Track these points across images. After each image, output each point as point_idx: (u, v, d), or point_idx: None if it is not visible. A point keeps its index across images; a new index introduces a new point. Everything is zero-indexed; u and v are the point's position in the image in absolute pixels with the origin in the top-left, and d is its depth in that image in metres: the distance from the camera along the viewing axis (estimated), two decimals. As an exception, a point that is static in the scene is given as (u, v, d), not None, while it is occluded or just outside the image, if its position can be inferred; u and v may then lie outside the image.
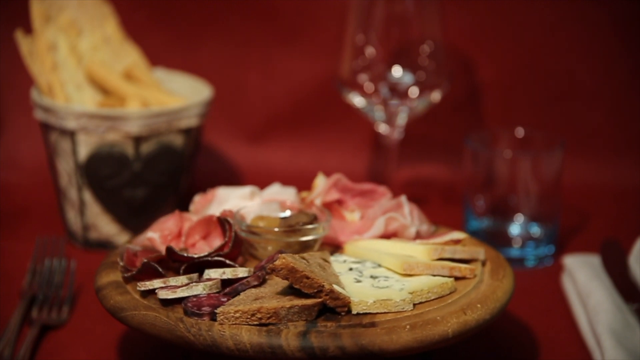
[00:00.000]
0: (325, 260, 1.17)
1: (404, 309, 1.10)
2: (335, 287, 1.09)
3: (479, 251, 1.22)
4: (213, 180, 1.77)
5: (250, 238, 1.22)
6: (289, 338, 1.04)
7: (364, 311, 1.09)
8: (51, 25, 1.53)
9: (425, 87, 1.56)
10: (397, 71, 1.57)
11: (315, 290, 1.08)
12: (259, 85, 1.81)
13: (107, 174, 1.48)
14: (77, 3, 1.56)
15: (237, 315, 1.06)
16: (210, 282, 1.12)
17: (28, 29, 1.52)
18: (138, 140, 1.47)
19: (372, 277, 1.16)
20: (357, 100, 1.57)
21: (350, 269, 1.19)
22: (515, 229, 1.51)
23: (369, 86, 1.57)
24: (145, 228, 1.50)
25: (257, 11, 1.79)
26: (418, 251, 1.20)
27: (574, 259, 1.42)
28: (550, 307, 1.37)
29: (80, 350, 1.25)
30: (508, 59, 1.78)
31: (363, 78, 1.57)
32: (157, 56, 1.70)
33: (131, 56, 1.59)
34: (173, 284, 1.13)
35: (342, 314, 1.09)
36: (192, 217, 1.26)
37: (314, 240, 1.23)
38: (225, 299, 1.10)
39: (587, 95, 1.78)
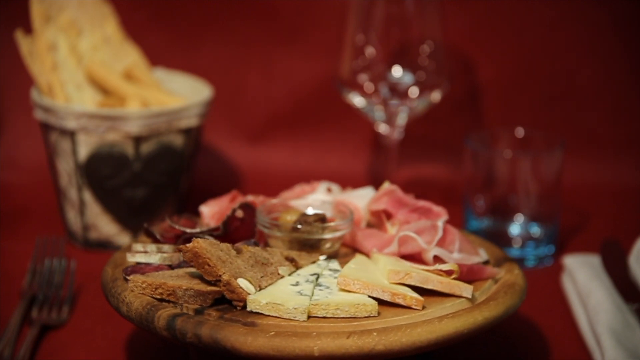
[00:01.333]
0: (265, 257, 1.16)
1: (296, 317, 1.07)
2: (238, 280, 1.10)
3: (464, 288, 1.13)
4: (213, 180, 1.77)
5: (261, 229, 1.22)
6: (161, 316, 1.07)
7: (257, 310, 1.08)
8: (51, 25, 1.53)
9: (425, 87, 1.56)
10: (397, 71, 1.57)
11: (214, 279, 1.10)
12: (259, 85, 1.81)
13: (107, 174, 1.48)
14: (77, 3, 1.56)
15: (144, 286, 1.12)
16: (165, 255, 1.17)
17: (28, 29, 1.52)
18: (138, 140, 1.47)
19: (319, 284, 1.14)
20: (357, 100, 1.57)
21: (313, 274, 1.17)
22: (515, 229, 1.51)
23: (369, 86, 1.57)
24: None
25: (257, 11, 1.79)
26: (384, 272, 1.15)
27: (574, 259, 1.42)
28: (550, 307, 1.37)
29: (80, 350, 1.25)
30: (508, 59, 1.78)
31: (363, 78, 1.57)
32: (157, 56, 1.70)
33: (131, 56, 1.59)
34: (148, 250, 1.18)
35: (238, 308, 1.09)
36: (249, 198, 1.27)
37: (317, 241, 1.22)
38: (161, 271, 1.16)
39: (587, 95, 1.78)
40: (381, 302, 1.10)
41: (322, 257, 1.21)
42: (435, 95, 1.57)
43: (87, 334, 1.29)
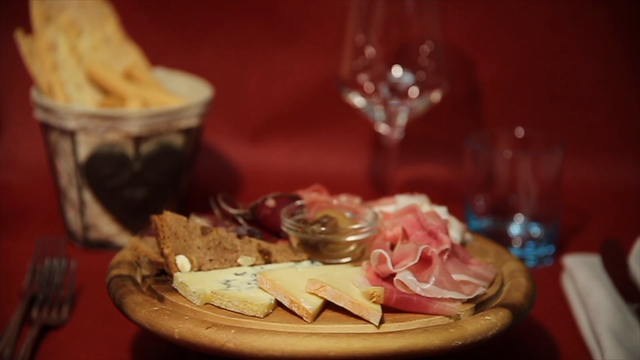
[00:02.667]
0: (234, 244, 1.19)
1: (193, 300, 1.11)
2: (177, 257, 1.16)
3: (373, 313, 1.07)
4: (213, 180, 1.77)
5: (284, 227, 1.23)
6: (111, 274, 1.19)
7: (174, 287, 1.14)
8: (51, 25, 1.53)
9: (425, 87, 1.56)
10: (397, 71, 1.57)
11: (160, 251, 1.17)
12: (259, 85, 1.81)
13: (107, 174, 1.48)
14: (77, 3, 1.56)
15: (133, 248, 1.21)
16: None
17: (28, 29, 1.52)
18: (138, 140, 1.47)
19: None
20: (357, 100, 1.57)
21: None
22: (515, 229, 1.51)
23: (369, 86, 1.57)
24: (145, 228, 1.51)
25: (257, 11, 1.79)
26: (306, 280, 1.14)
27: (574, 259, 1.42)
28: (550, 307, 1.37)
29: (80, 350, 1.25)
30: (508, 59, 1.78)
31: (363, 78, 1.57)
32: (157, 56, 1.70)
33: (131, 56, 1.59)
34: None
35: (170, 282, 1.15)
36: (330, 200, 1.26)
37: (316, 242, 1.20)
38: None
39: (587, 95, 1.78)
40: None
41: (306, 260, 1.20)
42: (435, 95, 1.57)
43: (87, 334, 1.29)
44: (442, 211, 1.25)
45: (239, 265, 1.18)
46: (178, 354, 1.23)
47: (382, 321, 1.07)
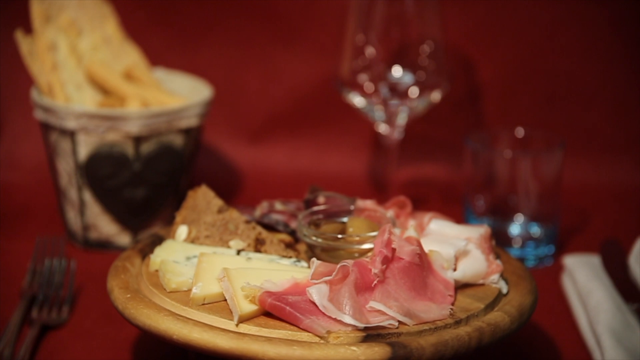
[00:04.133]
0: (237, 227, 1.22)
1: (165, 288, 1.14)
2: (180, 225, 1.24)
3: (235, 312, 1.07)
4: (213, 180, 1.77)
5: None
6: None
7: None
8: (51, 25, 1.53)
9: (425, 87, 1.56)
10: (397, 71, 1.57)
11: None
12: (259, 85, 1.81)
13: (107, 174, 1.48)
14: (77, 3, 1.56)
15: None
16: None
17: (28, 29, 1.52)
18: (138, 140, 1.47)
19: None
20: (357, 100, 1.57)
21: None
22: (515, 229, 1.51)
23: (369, 86, 1.57)
24: (145, 228, 1.51)
25: (257, 11, 1.79)
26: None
27: (574, 259, 1.42)
28: (550, 307, 1.37)
29: (80, 350, 1.25)
30: (508, 59, 1.78)
31: (363, 78, 1.57)
32: (157, 56, 1.70)
33: (131, 56, 1.59)
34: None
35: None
36: (377, 212, 1.26)
37: (312, 245, 1.20)
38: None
39: (587, 95, 1.78)
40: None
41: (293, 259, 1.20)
42: (435, 95, 1.57)
43: (87, 334, 1.29)
44: (447, 249, 1.17)
45: (229, 247, 1.21)
46: (178, 355, 1.23)
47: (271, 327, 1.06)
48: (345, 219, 1.24)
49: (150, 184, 1.50)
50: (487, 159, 1.49)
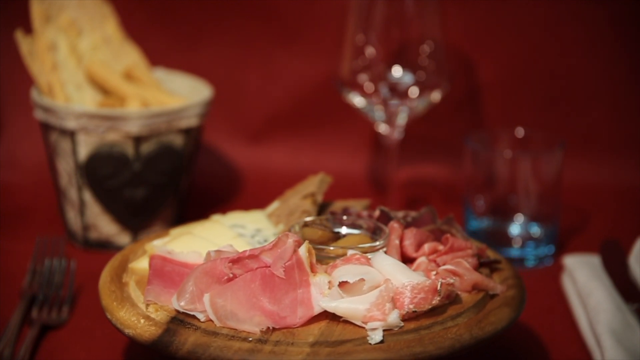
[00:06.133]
0: (298, 209, 1.26)
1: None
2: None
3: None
4: (213, 180, 1.77)
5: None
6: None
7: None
8: (51, 25, 1.53)
9: (425, 87, 1.56)
10: (397, 71, 1.57)
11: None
12: (259, 85, 1.81)
13: (107, 174, 1.48)
14: (77, 3, 1.56)
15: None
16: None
17: (28, 29, 1.52)
18: (138, 140, 1.47)
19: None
20: (357, 100, 1.57)
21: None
22: (515, 229, 1.51)
23: (369, 86, 1.57)
24: (145, 228, 1.51)
25: (257, 11, 1.79)
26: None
27: (574, 259, 1.42)
28: (550, 307, 1.37)
29: (80, 350, 1.25)
30: (508, 59, 1.78)
31: (363, 78, 1.57)
32: (157, 56, 1.70)
33: (131, 56, 1.59)
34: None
35: None
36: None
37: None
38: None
39: (587, 95, 1.78)
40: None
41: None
42: (435, 95, 1.57)
43: (87, 334, 1.29)
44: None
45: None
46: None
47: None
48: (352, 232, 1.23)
49: (150, 184, 1.50)
50: (487, 159, 1.49)
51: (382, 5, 1.54)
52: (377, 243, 1.17)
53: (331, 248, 1.16)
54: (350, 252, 1.14)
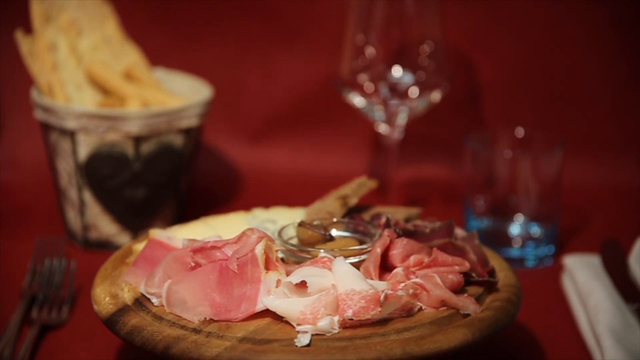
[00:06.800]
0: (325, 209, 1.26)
1: None
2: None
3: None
4: (213, 180, 1.77)
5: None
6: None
7: None
8: (51, 25, 1.53)
9: (425, 87, 1.56)
10: (397, 71, 1.57)
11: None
12: (259, 85, 1.81)
13: (107, 174, 1.48)
14: (77, 3, 1.56)
15: None
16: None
17: (28, 29, 1.52)
18: (138, 140, 1.47)
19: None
20: (357, 100, 1.57)
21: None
22: (515, 229, 1.51)
23: (369, 86, 1.57)
24: (145, 228, 1.51)
25: (257, 11, 1.79)
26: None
27: (574, 259, 1.42)
28: (550, 307, 1.37)
29: (80, 350, 1.25)
30: (508, 59, 1.78)
31: (363, 78, 1.57)
32: (157, 56, 1.70)
33: (131, 56, 1.59)
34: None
35: None
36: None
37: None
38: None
39: (587, 95, 1.78)
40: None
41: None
42: (435, 95, 1.57)
43: (87, 334, 1.29)
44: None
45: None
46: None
47: None
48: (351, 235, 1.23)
49: (150, 184, 1.50)
50: (487, 159, 1.49)
51: (382, 5, 1.54)
52: (354, 248, 1.16)
53: (309, 249, 1.16)
54: (321, 254, 1.14)
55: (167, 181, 1.51)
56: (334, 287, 1.07)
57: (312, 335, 1.05)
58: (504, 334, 1.29)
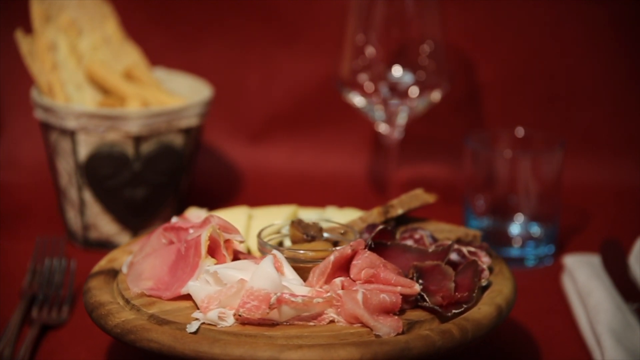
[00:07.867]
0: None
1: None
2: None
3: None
4: (213, 180, 1.77)
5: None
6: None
7: None
8: (51, 25, 1.53)
9: (425, 87, 1.56)
10: (397, 71, 1.57)
11: None
12: (259, 85, 1.81)
13: (107, 173, 1.48)
14: (77, 3, 1.56)
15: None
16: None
17: (28, 29, 1.52)
18: (138, 140, 1.47)
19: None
20: (357, 100, 1.57)
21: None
22: (515, 228, 1.51)
23: (369, 86, 1.57)
24: (145, 228, 1.51)
25: (257, 11, 1.79)
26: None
27: (574, 259, 1.42)
28: (550, 307, 1.37)
29: (80, 350, 1.25)
30: (508, 59, 1.78)
31: (363, 78, 1.57)
32: (157, 56, 1.70)
33: (131, 56, 1.59)
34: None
35: None
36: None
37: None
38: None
39: (587, 95, 1.78)
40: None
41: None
42: (435, 95, 1.57)
43: (87, 334, 1.29)
44: None
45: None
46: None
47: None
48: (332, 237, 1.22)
49: (150, 184, 1.50)
50: (487, 159, 1.49)
51: (382, 5, 1.54)
52: (307, 251, 1.16)
53: (273, 247, 1.17)
54: (273, 252, 1.15)
55: (167, 181, 1.51)
56: (241, 282, 1.09)
57: (206, 324, 1.07)
58: (504, 334, 1.29)
